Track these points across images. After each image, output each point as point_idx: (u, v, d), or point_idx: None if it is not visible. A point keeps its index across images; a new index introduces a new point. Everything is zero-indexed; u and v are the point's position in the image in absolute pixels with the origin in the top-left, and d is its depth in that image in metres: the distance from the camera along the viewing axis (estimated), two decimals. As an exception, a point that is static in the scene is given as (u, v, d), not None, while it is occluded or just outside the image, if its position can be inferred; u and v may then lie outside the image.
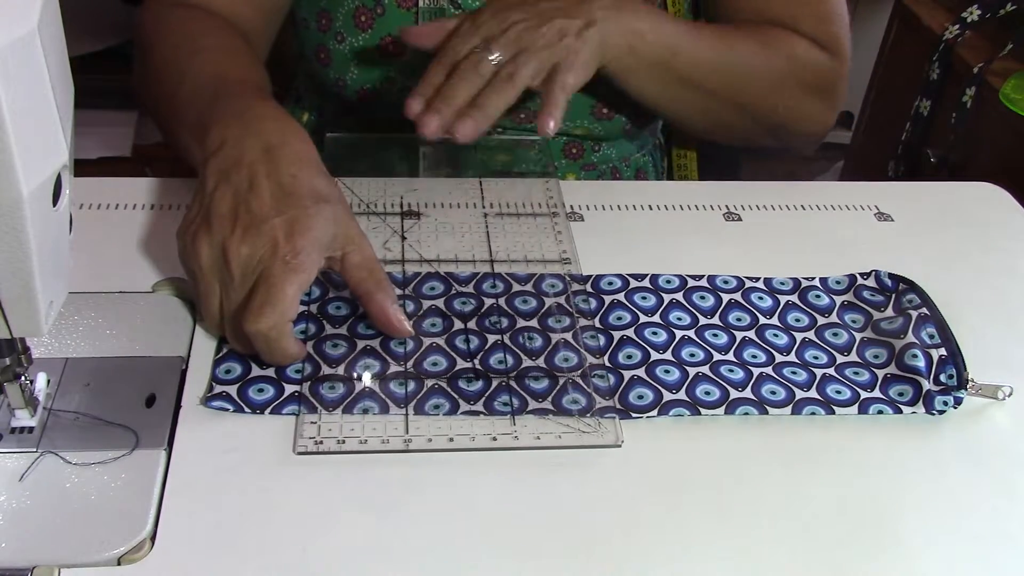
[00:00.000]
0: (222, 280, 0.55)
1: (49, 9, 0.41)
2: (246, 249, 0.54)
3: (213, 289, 0.55)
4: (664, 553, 0.50)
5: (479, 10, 0.70)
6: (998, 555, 0.51)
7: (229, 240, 0.54)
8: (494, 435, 0.55)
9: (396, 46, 0.79)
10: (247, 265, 0.54)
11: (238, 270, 0.54)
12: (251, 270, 0.54)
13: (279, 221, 0.54)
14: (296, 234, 0.54)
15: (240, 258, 0.54)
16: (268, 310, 0.53)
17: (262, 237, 0.54)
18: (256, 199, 0.55)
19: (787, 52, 0.79)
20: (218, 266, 0.55)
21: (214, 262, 0.55)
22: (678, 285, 0.67)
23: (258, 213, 0.55)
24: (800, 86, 0.80)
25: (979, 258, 0.73)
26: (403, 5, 0.78)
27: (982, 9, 1.44)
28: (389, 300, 0.57)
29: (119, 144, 1.61)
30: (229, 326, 0.56)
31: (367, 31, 0.79)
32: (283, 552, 0.48)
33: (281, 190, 0.55)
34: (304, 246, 0.54)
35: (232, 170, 0.57)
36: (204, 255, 0.55)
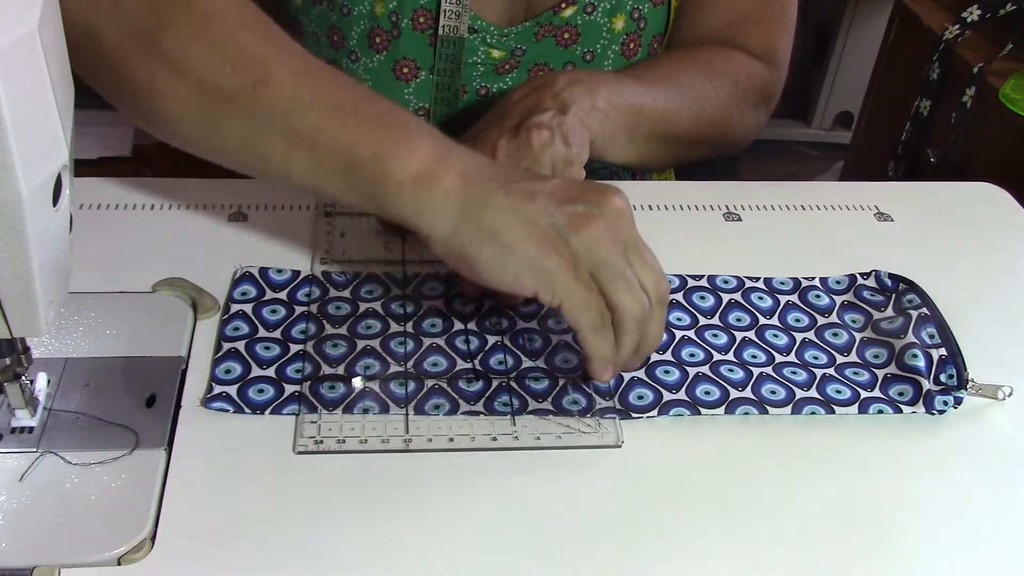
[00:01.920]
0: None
1: (49, 9, 0.41)
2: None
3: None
4: (664, 553, 0.50)
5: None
6: (998, 555, 0.51)
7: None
8: (494, 435, 0.55)
9: (411, 69, 0.79)
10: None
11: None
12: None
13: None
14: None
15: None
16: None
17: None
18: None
19: (732, 76, 0.80)
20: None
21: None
22: (678, 285, 0.67)
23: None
24: (745, 104, 0.82)
25: (979, 258, 0.73)
26: (418, 28, 0.77)
27: (982, 9, 1.44)
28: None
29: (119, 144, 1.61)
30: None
31: (382, 53, 0.79)
32: (283, 552, 0.48)
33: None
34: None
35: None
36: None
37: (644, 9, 0.80)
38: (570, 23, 0.79)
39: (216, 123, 0.58)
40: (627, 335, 0.54)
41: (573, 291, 0.53)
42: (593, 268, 0.53)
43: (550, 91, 0.68)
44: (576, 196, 0.54)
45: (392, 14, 0.77)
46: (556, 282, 0.53)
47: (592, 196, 0.55)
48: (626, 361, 0.55)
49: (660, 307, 0.55)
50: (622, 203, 0.55)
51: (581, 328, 0.54)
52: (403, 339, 0.60)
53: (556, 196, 0.54)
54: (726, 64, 0.81)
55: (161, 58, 0.58)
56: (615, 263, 0.53)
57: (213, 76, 0.57)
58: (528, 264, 0.53)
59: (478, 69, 0.80)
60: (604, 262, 0.53)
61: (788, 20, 0.84)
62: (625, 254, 0.54)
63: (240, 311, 0.61)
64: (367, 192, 0.56)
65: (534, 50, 0.80)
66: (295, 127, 0.56)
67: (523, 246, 0.53)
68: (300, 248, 0.68)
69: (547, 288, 0.53)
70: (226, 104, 0.57)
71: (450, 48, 0.78)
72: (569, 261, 0.53)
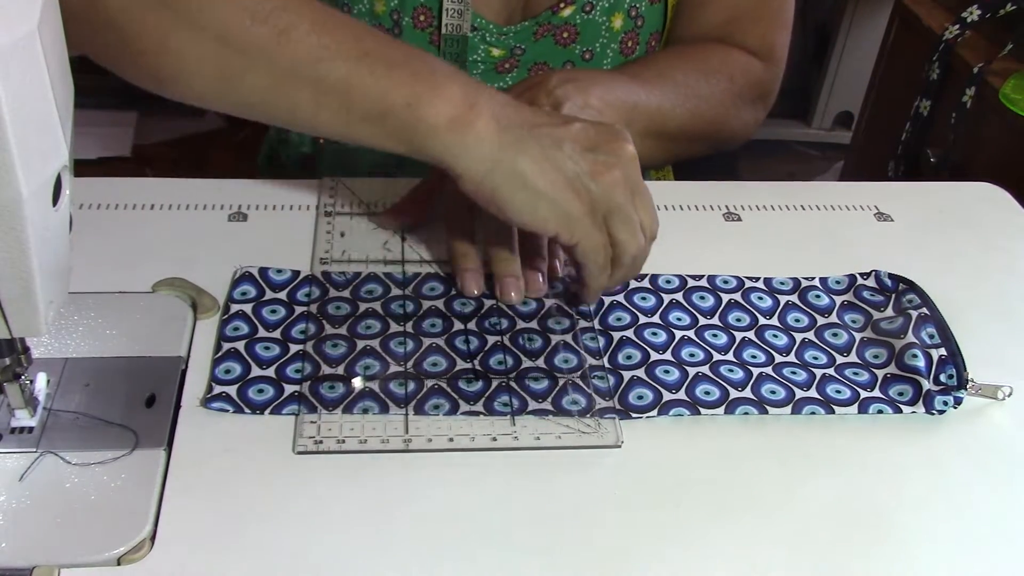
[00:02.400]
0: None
1: (49, 9, 0.41)
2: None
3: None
4: (664, 553, 0.50)
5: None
6: (998, 555, 0.51)
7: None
8: (494, 435, 0.55)
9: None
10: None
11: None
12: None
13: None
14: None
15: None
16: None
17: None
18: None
19: (728, 73, 0.80)
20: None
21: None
22: (678, 285, 0.67)
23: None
24: (741, 101, 0.82)
25: (979, 258, 0.73)
26: (419, 26, 0.77)
27: (982, 9, 1.44)
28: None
29: (119, 144, 1.61)
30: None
31: None
32: (283, 552, 0.48)
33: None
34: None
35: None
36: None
37: (641, 7, 0.80)
38: (569, 22, 0.79)
39: (238, 77, 0.58)
40: (622, 268, 0.61)
41: (590, 234, 0.59)
42: (608, 212, 0.59)
43: (544, 89, 0.68)
44: (597, 143, 0.59)
45: (393, 12, 0.77)
46: (576, 226, 0.58)
47: (610, 144, 0.59)
48: (613, 286, 0.64)
49: (650, 243, 0.62)
50: (632, 148, 0.60)
51: (589, 266, 0.60)
52: (403, 339, 0.60)
53: (580, 142, 0.59)
54: (722, 61, 0.81)
55: (174, 13, 0.57)
56: (626, 208, 0.59)
57: (233, 28, 0.57)
58: (555, 209, 0.58)
59: (479, 68, 0.80)
60: (618, 207, 0.59)
61: (785, 17, 0.84)
62: (632, 197, 0.59)
63: (240, 311, 0.61)
64: (400, 137, 0.58)
65: (533, 49, 0.80)
66: (323, 77, 0.57)
67: (552, 192, 0.57)
68: (300, 248, 0.68)
69: (568, 230, 0.58)
70: (248, 56, 0.58)
71: (454, 47, 0.78)
72: (589, 207, 0.58)
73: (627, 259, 0.60)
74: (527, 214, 0.58)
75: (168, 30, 0.58)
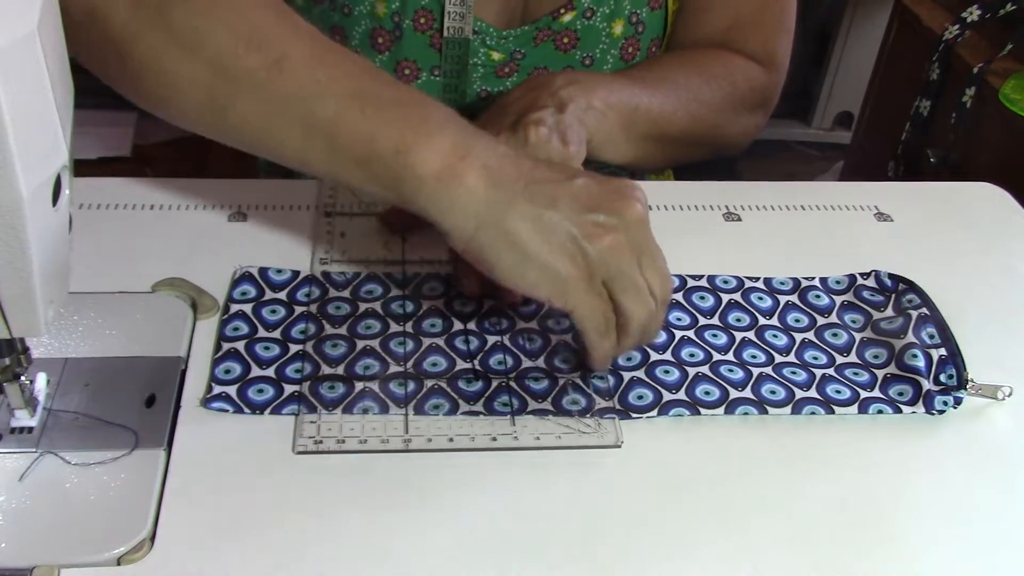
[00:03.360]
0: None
1: (49, 9, 0.41)
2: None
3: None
4: (664, 553, 0.50)
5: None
6: (998, 555, 0.51)
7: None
8: (494, 435, 0.55)
9: (413, 71, 0.79)
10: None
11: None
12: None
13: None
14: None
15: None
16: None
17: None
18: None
19: (730, 79, 0.80)
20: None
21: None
22: (678, 285, 0.67)
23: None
24: (742, 106, 0.82)
25: (979, 258, 0.73)
26: (420, 28, 0.77)
27: (982, 9, 1.44)
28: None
29: (119, 144, 1.61)
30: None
31: (384, 54, 0.79)
32: (283, 552, 0.48)
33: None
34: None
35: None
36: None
37: (642, 13, 0.80)
38: (569, 28, 0.79)
39: (228, 105, 0.57)
40: (630, 337, 0.56)
41: (585, 301, 0.54)
42: (607, 278, 0.54)
43: (548, 90, 0.68)
44: (598, 203, 0.54)
45: (394, 15, 0.77)
46: (570, 291, 0.54)
47: (615, 204, 0.55)
48: (624, 352, 0.59)
49: (663, 308, 0.57)
50: (641, 208, 0.55)
51: (587, 332, 0.55)
52: (403, 339, 0.60)
53: (579, 202, 0.54)
54: (724, 66, 0.81)
55: (170, 35, 0.56)
56: (630, 274, 0.54)
57: (225, 55, 0.55)
58: (545, 273, 0.53)
59: (479, 71, 0.80)
60: (619, 272, 0.54)
61: (787, 23, 0.84)
62: (639, 260, 0.55)
63: (240, 311, 0.61)
64: (387, 184, 0.56)
65: (534, 54, 0.80)
66: (312, 114, 0.55)
67: (542, 254, 0.53)
68: (300, 248, 0.68)
69: (560, 296, 0.54)
70: (238, 85, 0.56)
71: (455, 49, 0.78)
72: (585, 272, 0.54)
73: (634, 328, 0.55)
74: (516, 277, 0.54)
75: (163, 52, 0.57)
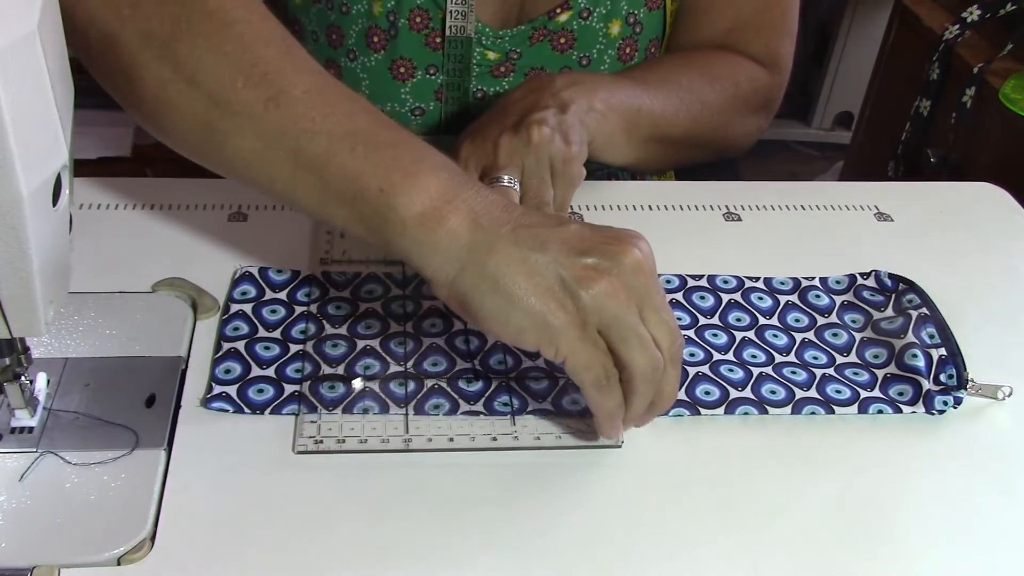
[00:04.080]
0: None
1: (49, 9, 0.41)
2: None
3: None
4: (664, 553, 0.50)
5: (458, 142, 0.69)
6: (998, 555, 0.51)
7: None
8: (494, 435, 0.55)
9: (408, 69, 0.79)
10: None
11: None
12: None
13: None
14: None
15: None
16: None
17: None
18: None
19: (733, 80, 0.80)
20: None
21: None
22: (678, 285, 0.67)
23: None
24: (745, 108, 0.82)
25: (979, 258, 0.73)
26: (415, 28, 0.78)
27: (982, 9, 1.44)
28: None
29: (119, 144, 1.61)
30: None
31: (379, 52, 0.79)
32: (283, 552, 0.48)
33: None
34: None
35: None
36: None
37: (640, 14, 0.80)
38: (566, 28, 0.79)
39: (223, 138, 0.57)
40: (638, 395, 0.52)
41: (578, 349, 0.50)
42: (603, 326, 0.50)
43: (550, 91, 0.68)
44: (592, 247, 0.51)
45: (390, 13, 0.77)
46: (560, 339, 0.50)
47: (609, 248, 0.51)
48: (638, 419, 0.53)
49: (674, 365, 0.52)
50: (640, 255, 0.51)
51: (584, 386, 0.51)
52: (403, 339, 0.60)
53: (570, 245, 0.51)
54: (727, 68, 0.81)
55: (174, 66, 0.57)
56: (627, 321, 0.50)
57: (224, 89, 0.55)
58: (531, 319, 0.50)
59: (474, 70, 0.80)
60: (615, 320, 0.50)
61: (789, 25, 0.84)
62: (640, 310, 0.51)
63: (240, 311, 0.61)
64: (371, 225, 0.53)
65: (530, 54, 0.80)
66: (303, 150, 0.54)
67: (527, 300, 0.50)
68: (300, 248, 0.68)
69: (550, 345, 0.50)
70: (235, 119, 0.56)
71: (457, 48, 0.78)
72: (576, 318, 0.50)
73: (641, 382, 0.51)
74: (499, 324, 0.50)
75: (168, 82, 0.57)
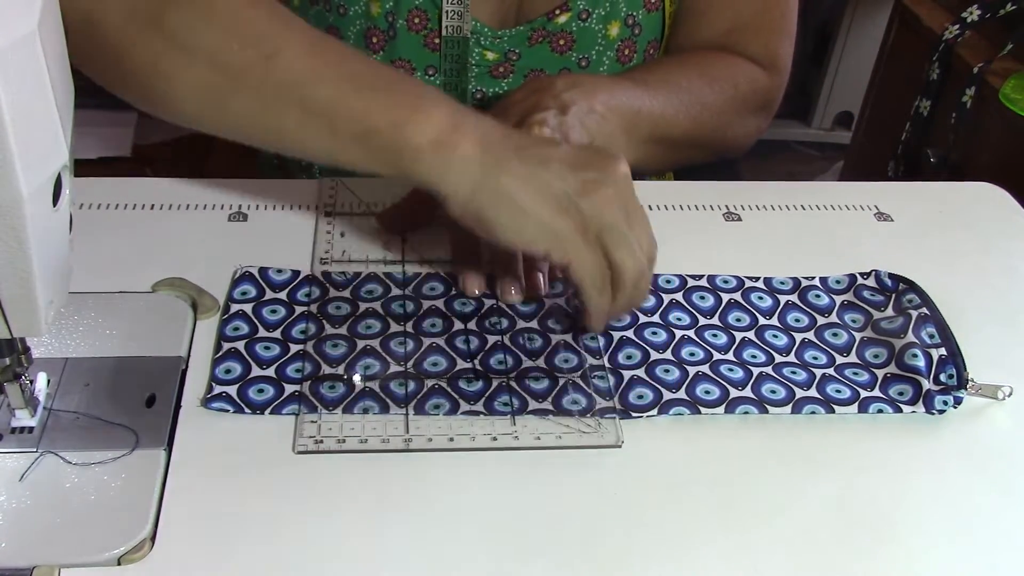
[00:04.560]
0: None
1: (49, 9, 0.41)
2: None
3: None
4: (664, 552, 0.50)
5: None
6: (998, 555, 0.51)
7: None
8: (494, 435, 0.55)
9: (407, 70, 0.79)
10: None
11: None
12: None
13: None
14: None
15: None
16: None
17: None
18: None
19: (732, 81, 0.80)
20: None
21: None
22: (678, 285, 0.67)
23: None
24: (744, 109, 0.82)
25: (979, 258, 0.73)
26: (414, 29, 0.78)
27: (982, 9, 1.44)
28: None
29: (119, 144, 1.61)
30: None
31: (378, 53, 0.79)
32: (283, 552, 0.48)
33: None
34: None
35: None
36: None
37: (638, 15, 0.80)
38: (565, 30, 0.79)
39: (227, 99, 0.59)
40: (624, 292, 0.58)
41: (582, 253, 0.56)
42: (600, 232, 0.57)
43: (550, 92, 0.68)
44: (586, 163, 0.58)
45: (388, 15, 0.77)
46: (567, 245, 0.56)
47: (600, 163, 0.58)
48: (619, 313, 0.61)
49: (651, 266, 0.60)
50: (625, 169, 0.59)
51: (586, 287, 0.57)
52: (403, 339, 0.60)
53: (568, 162, 0.57)
54: (726, 69, 0.81)
55: (165, 37, 0.58)
56: (620, 227, 0.57)
57: (222, 52, 0.58)
58: (542, 228, 0.56)
59: (473, 71, 0.80)
60: (611, 227, 0.57)
61: (788, 27, 0.84)
62: (626, 216, 0.57)
63: (240, 311, 0.61)
64: (386, 159, 0.58)
65: (529, 55, 0.80)
66: (309, 98, 0.58)
67: (538, 211, 0.56)
68: (300, 248, 0.68)
69: (558, 249, 0.56)
70: (236, 80, 0.58)
71: (454, 48, 0.78)
72: (580, 225, 0.56)
73: (627, 281, 0.58)
74: (514, 234, 0.57)
75: (159, 52, 0.59)
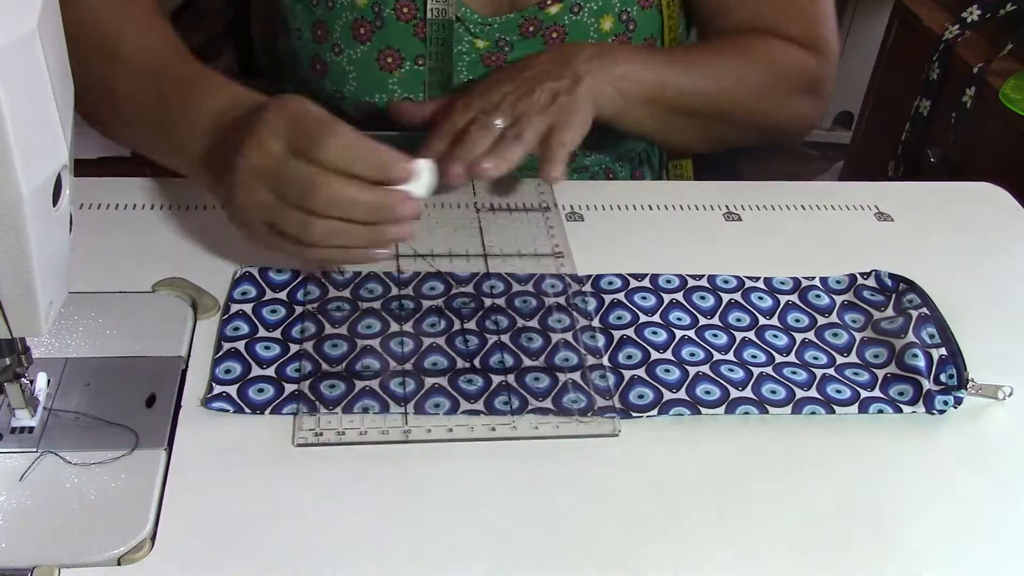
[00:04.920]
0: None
1: (49, 9, 0.41)
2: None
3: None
4: (664, 552, 0.50)
5: (468, 88, 0.73)
6: (998, 555, 0.51)
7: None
8: (493, 426, 0.55)
9: (395, 59, 0.79)
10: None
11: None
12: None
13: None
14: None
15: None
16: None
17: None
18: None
19: (768, 59, 0.80)
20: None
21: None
22: (678, 285, 0.67)
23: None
24: (787, 89, 0.82)
25: (979, 258, 0.73)
26: (402, 18, 0.78)
27: (982, 9, 1.44)
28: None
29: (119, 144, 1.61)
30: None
31: (366, 43, 0.79)
32: (283, 551, 0.48)
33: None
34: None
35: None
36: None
37: (632, 11, 0.80)
38: (557, 22, 0.79)
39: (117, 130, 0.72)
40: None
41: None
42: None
43: (570, 65, 0.71)
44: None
45: (375, 4, 0.77)
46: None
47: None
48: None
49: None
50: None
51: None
52: (403, 338, 0.60)
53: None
54: (764, 47, 0.81)
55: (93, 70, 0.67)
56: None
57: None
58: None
59: (463, 59, 0.80)
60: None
61: (825, 6, 0.83)
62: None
63: (240, 311, 0.61)
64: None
65: (522, 48, 0.80)
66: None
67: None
68: (300, 248, 0.68)
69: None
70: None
71: (439, 31, 0.78)
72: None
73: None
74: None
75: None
